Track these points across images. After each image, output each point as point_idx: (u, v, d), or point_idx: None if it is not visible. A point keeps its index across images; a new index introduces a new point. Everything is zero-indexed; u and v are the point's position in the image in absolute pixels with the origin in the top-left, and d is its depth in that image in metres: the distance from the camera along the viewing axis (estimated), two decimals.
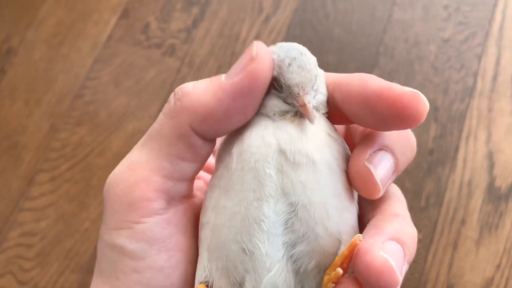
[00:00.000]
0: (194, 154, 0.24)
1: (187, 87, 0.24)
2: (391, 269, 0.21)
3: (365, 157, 0.23)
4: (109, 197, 0.24)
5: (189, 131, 0.23)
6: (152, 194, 0.23)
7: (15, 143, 0.78)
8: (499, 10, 0.80)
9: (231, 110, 0.23)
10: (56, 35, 0.85)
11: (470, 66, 0.77)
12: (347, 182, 0.24)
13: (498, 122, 0.74)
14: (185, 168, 0.24)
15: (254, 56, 0.23)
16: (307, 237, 0.23)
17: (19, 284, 0.70)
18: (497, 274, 0.66)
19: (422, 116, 0.22)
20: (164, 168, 0.23)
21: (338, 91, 0.24)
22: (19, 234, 0.73)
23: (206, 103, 0.23)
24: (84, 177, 0.75)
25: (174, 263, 0.24)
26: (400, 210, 0.24)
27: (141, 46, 0.82)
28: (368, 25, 0.81)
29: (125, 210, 0.23)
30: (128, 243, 0.23)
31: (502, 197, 0.70)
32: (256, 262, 0.23)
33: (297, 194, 0.23)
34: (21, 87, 0.82)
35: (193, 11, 0.84)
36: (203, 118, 0.23)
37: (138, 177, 0.23)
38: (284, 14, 0.83)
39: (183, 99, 0.23)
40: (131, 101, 0.79)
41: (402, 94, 0.22)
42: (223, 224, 0.23)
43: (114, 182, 0.24)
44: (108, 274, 0.24)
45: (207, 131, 0.23)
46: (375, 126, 0.23)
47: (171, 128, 0.23)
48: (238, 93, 0.23)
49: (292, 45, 0.25)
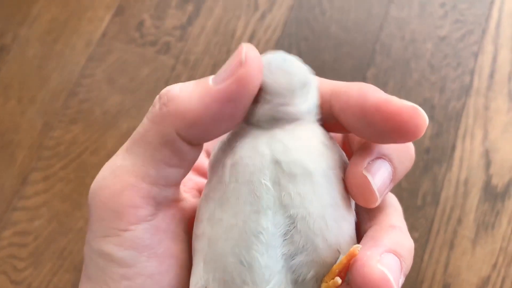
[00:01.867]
0: (180, 159, 0.23)
1: (173, 91, 0.23)
2: (388, 282, 0.21)
3: (363, 166, 0.23)
4: (94, 204, 0.24)
5: (175, 137, 0.22)
6: (139, 201, 0.23)
7: (8, 142, 0.77)
8: (496, 8, 0.80)
9: (218, 116, 0.22)
10: (50, 32, 0.84)
11: (466, 64, 0.77)
12: (344, 191, 0.23)
13: (495, 120, 0.74)
14: (172, 174, 0.23)
15: (243, 61, 0.22)
16: (306, 249, 0.22)
17: (12, 284, 0.70)
18: (493, 273, 0.66)
19: (421, 131, 0.22)
20: (150, 175, 0.23)
21: (336, 100, 0.24)
22: (12, 233, 0.72)
23: (193, 108, 0.22)
24: (78, 176, 0.74)
25: (164, 269, 0.24)
26: (397, 221, 0.24)
27: (136, 43, 0.82)
28: (365, 23, 0.81)
29: (112, 217, 0.23)
30: (117, 250, 0.23)
31: (499, 196, 0.70)
32: (255, 274, 0.22)
33: (295, 207, 0.22)
34: (14, 85, 0.81)
35: (188, 9, 0.84)
36: (189, 124, 0.22)
37: (123, 184, 0.23)
38: (280, 11, 0.82)
39: (169, 104, 0.23)
40: (125, 99, 0.78)
41: (401, 108, 0.22)
42: (220, 237, 0.23)
43: (99, 188, 0.24)
44: (96, 280, 0.23)
45: (194, 136, 0.23)
46: (372, 138, 0.23)
47: (156, 134, 0.23)
48: (226, 99, 0.22)
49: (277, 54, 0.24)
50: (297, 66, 0.24)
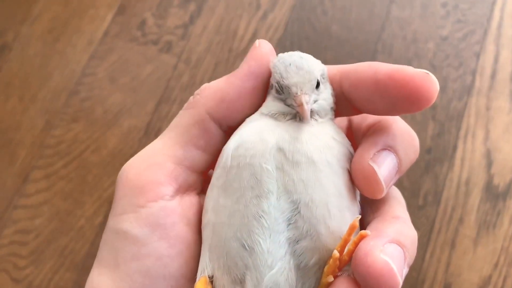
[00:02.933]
0: (207, 141, 0.25)
1: (205, 84, 0.26)
2: (391, 272, 0.21)
3: (369, 156, 0.23)
4: (121, 182, 0.25)
5: (205, 116, 0.25)
6: (162, 178, 0.24)
7: (10, 140, 0.77)
8: (498, 8, 0.80)
9: (242, 90, 0.25)
10: (51, 31, 0.84)
11: (468, 64, 0.77)
12: (349, 182, 0.24)
13: (496, 120, 0.74)
14: (197, 157, 0.25)
15: (257, 45, 0.25)
16: (310, 234, 0.23)
17: (13, 282, 0.70)
18: (494, 273, 0.66)
19: (433, 96, 0.22)
20: (176, 155, 0.25)
21: (346, 78, 0.25)
22: (13, 231, 0.72)
23: (220, 88, 0.25)
24: (79, 174, 0.74)
25: (173, 252, 0.24)
26: (401, 212, 0.24)
27: (137, 42, 0.82)
28: (366, 22, 0.81)
29: (134, 193, 0.24)
30: (132, 227, 0.24)
31: (500, 195, 0.70)
32: (257, 258, 0.22)
33: (298, 192, 0.23)
34: (16, 83, 0.81)
35: (190, 7, 0.84)
36: (218, 102, 0.25)
37: (150, 162, 0.24)
38: (282, 11, 0.82)
39: (201, 92, 0.26)
40: (127, 98, 0.78)
41: (414, 74, 0.22)
42: (223, 223, 0.23)
43: (128, 167, 0.25)
44: (107, 264, 0.24)
45: (223, 114, 0.25)
46: (385, 110, 0.23)
47: (189, 117, 0.25)
48: (246, 74, 0.25)
49: (293, 52, 0.26)
50: (312, 64, 0.25)
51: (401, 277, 0.21)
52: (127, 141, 0.76)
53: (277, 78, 0.24)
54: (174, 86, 0.78)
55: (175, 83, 0.78)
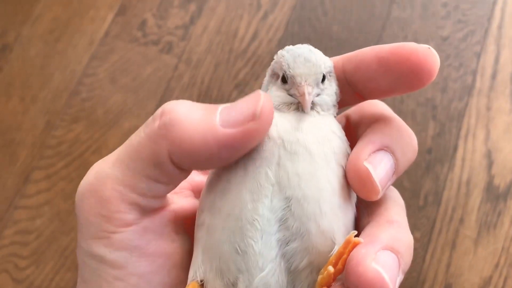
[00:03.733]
0: (169, 179, 0.23)
1: (178, 113, 0.22)
2: (383, 282, 0.20)
3: (365, 157, 0.23)
4: (82, 208, 0.23)
5: (167, 160, 0.22)
6: (126, 207, 0.23)
7: (11, 140, 0.77)
8: (498, 8, 0.80)
9: (215, 156, 0.22)
10: (52, 31, 0.84)
11: (469, 65, 0.77)
12: (344, 181, 0.23)
13: (497, 120, 0.74)
14: (160, 189, 0.23)
15: (258, 115, 0.21)
16: (300, 234, 0.22)
17: (14, 282, 0.70)
18: (495, 273, 0.66)
19: (435, 70, 0.22)
20: (138, 187, 0.23)
21: (349, 62, 0.25)
22: (14, 232, 0.72)
23: (193, 141, 0.21)
24: (80, 174, 0.74)
25: (155, 268, 0.24)
26: (397, 215, 0.24)
27: (138, 43, 0.82)
28: (367, 23, 0.81)
29: (101, 221, 0.23)
30: (108, 252, 0.23)
31: (501, 196, 0.70)
32: (249, 261, 0.22)
33: (292, 188, 0.22)
34: (17, 84, 0.81)
35: (191, 8, 0.84)
36: (184, 155, 0.22)
37: (112, 192, 0.23)
38: (283, 11, 0.82)
39: (170, 127, 0.22)
40: (127, 98, 0.78)
41: (416, 48, 0.22)
42: (218, 225, 0.23)
43: (88, 192, 0.23)
44: (91, 283, 0.24)
45: (186, 165, 0.23)
46: (388, 88, 0.23)
47: (150, 152, 0.22)
48: (228, 145, 0.21)
49: (303, 45, 0.26)
50: (320, 59, 0.25)
51: (395, 286, 0.21)
52: None
53: (284, 68, 0.24)
54: (175, 86, 0.78)
55: (175, 84, 0.79)
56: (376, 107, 0.26)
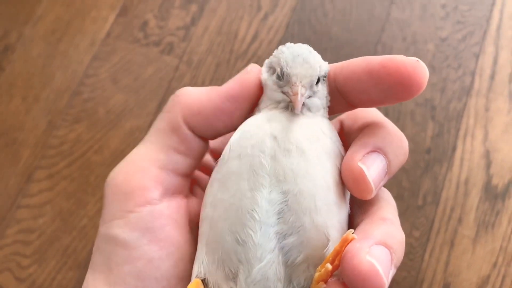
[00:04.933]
0: (187, 147, 0.25)
1: (186, 88, 0.26)
2: (377, 274, 0.21)
3: (359, 158, 0.24)
4: (109, 189, 0.25)
5: (182, 124, 0.25)
6: (148, 183, 0.25)
7: (13, 140, 0.78)
8: (497, 9, 0.81)
9: (219, 109, 0.25)
10: (54, 32, 0.85)
11: (467, 65, 0.77)
12: (338, 178, 0.24)
13: (495, 121, 0.74)
14: (180, 161, 0.26)
15: (248, 70, 0.26)
16: (296, 228, 0.23)
17: (17, 281, 0.70)
18: (493, 273, 0.66)
19: (423, 82, 0.23)
20: (159, 159, 0.25)
21: (340, 72, 0.26)
22: (16, 231, 0.73)
23: (199, 100, 0.25)
24: (82, 174, 0.75)
25: (164, 254, 0.25)
26: (389, 214, 0.25)
27: (139, 43, 0.82)
28: (366, 24, 0.81)
29: (122, 199, 0.25)
30: (121, 232, 0.24)
31: (499, 195, 0.70)
32: (249, 252, 0.23)
33: (288, 182, 0.23)
34: (19, 84, 0.81)
35: (192, 9, 0.84)
36: (194, 113, 0.25)
37: (136, 168, 0.25)
38: (283, 12, 0.83)
39: (179, 94, 0.26)
40: (129, 99, 0.79)
41: (404, 61, 0.23)
42: (220, 217, 0.24)
43: (115, 174, 0.26)
44: (101, 269, 0.25)
45: (197, 124, 0.25)
46: (378, 99, 0.24)
47: (167, 121, 0.25)
48: (228, 95, 0.25)
49: (303, 45, 0.26)
50: (318, 62, 0.26)
51: (388, 279, 0.22)
52: (129, 142, 0.76)
53: (282, 65, 0.25)
54: (176, 87, 0.79)
55: (176, 84, 0.79)
56: (368, 113, 0.27)
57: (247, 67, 0.26)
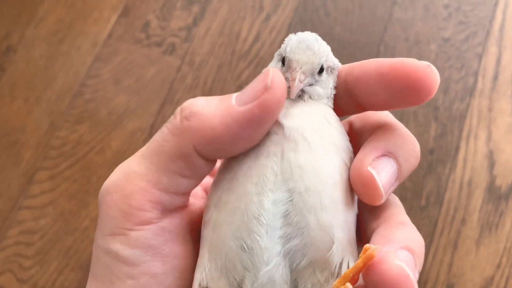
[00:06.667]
0: (194, 172, 0.24)
1: (196, 106, 0.23)
2: (408, 278, 0.20)
3: (369, 162, 0.23)
4: (105, 203, 0.24)
5: (192, 151, 0.23)
6: (147, 204, 0.23)
7: (15, 141, 0.78)
8: (500, 9, 0.80)
9: (238, 137, 0.22)
10: (56, 33, 0.85)
11: (470, 66, 0.77)
12: (346, 175, 0.23)
13: (499, 121, 0.74)
14: (183, 184, 0.24)
15: (269, 85, 0.22)
16: (301, 229, 0.22)
17: (19, 282, 0.70)
18: (497, 274, 0.66)
19: (434, 87, 0.23)
20: (162, 182, 0.23)
21: (351, 73, 0.25)
22: (18, 232, 0.73)
23: (214, 126, 0.22)
24: (83, 175, 0.75)
25: (168, 269, 0.24)
26: (405, 218, 0.24)
27: (141, 44, 0.82)
28: (369, 24, 0.81)
29: (120, 217, 0.23)
30: (123, 249, 0.23)
31: (502, 196, 0.70)
32: (255, 256, 0.22)
33: (294, 180, 0.22)
34: (21, 85, 0.81)
35: (194, 10, 0.84)
36: (208, 142, 0.22)
37: (135, 187, 0.23)
38: (285, 13, 0.83)
39: (191, 118, 0.23)
40: (131, 100, 0.79)
41: (416, 65, 0.23)
42: (224, 220, 0.23)
43: (112, 188, 0.24)
44: (103, 279, 0.24)
45: (211, 153, 0.23)
46: (387, 102, 0.23)
47: (174, 146, 0.23)
48: (248, 122, 0.22)
49: (312, 33, 0.25)
50: (323, 50, 0.25)
51: (416, 283, 0.20)
52: (131, 143, 0.76)
53: (286, 50, 0.24)
54: (178, 87, 0.79)
55: (178, 85, 0.79)
56: (379, 114, 0.26)
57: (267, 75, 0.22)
